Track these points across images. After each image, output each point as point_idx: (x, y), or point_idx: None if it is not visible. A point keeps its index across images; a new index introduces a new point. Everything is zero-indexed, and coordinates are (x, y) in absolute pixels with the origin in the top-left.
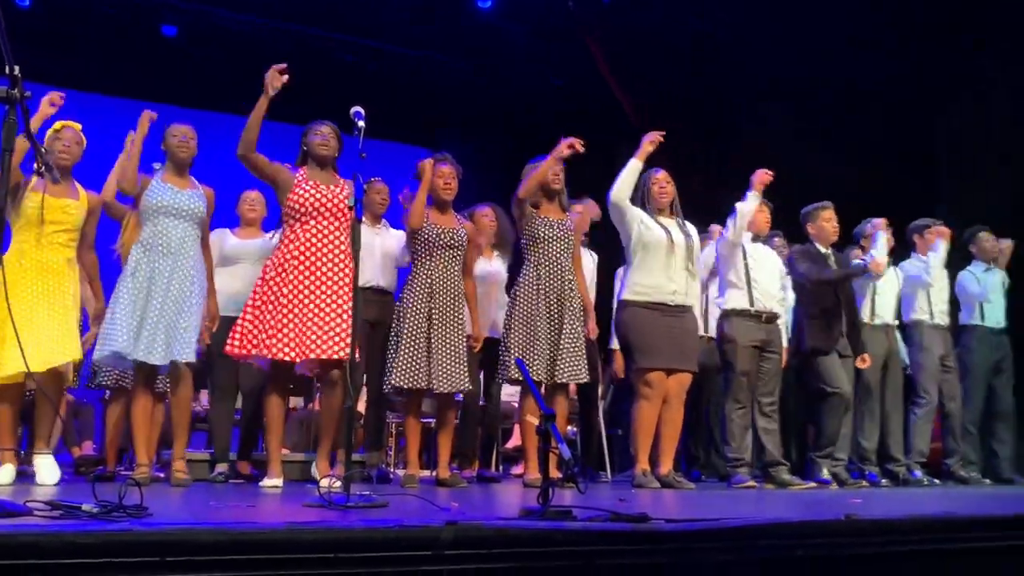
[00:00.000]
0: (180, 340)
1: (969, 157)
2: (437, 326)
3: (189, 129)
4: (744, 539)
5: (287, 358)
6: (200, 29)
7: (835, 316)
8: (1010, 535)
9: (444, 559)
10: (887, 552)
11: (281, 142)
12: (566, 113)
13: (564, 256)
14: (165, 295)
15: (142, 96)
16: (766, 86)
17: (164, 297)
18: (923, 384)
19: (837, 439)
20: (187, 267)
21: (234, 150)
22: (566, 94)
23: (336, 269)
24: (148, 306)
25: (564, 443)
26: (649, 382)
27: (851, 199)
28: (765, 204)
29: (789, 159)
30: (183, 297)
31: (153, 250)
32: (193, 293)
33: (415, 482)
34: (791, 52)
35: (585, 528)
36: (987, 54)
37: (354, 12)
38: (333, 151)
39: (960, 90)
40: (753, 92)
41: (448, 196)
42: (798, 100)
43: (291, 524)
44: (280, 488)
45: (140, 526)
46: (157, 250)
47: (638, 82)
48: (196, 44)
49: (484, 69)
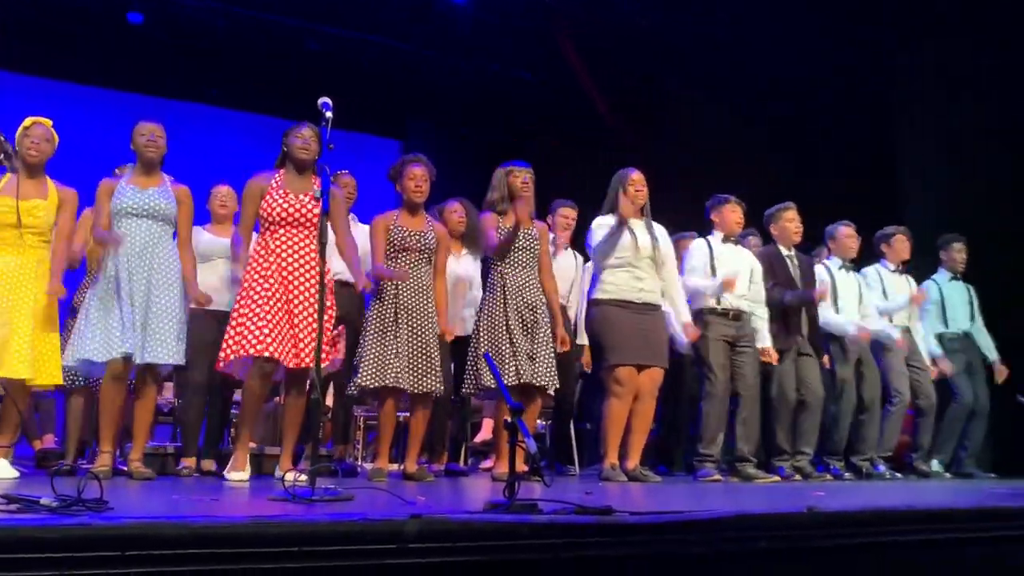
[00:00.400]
0: (164, 343)
1: (932, 158)
2: (404, 327)
3: (157, 127)
4: (707, 531)
5: (266, 353)
6: (166, 17)
7: (793, 318)
8: (966, 527)
9: (409, 552)
10: (848, 544)
11: (250, 132)
12: (537, 106)
13: (530, 264)
14: (146, 296)
15: (108, 84)
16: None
17: (144, 297)
18: (894, 384)
19: (788, 441)
20: (158, 268)
21: (203, 140)
22: (537, 87)
23: (305, 278)
24: (123, 307)
25: (531, 437)
26: (619, 378)
27: (817, 200)
28: (738, 204)
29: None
30: (160, 298)
31: (122, 253)
32: (168, 294)
33: (383, 476)
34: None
35: (550, 521)
36: (949, 54)
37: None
38: (313, 155)
39: (923, 90)
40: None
41: (419, 199)
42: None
43: (254, 518)
44: (246, 481)
45: (100, 520)
46: (124, 252)
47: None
48: (162, 32)
49: (455, 61)
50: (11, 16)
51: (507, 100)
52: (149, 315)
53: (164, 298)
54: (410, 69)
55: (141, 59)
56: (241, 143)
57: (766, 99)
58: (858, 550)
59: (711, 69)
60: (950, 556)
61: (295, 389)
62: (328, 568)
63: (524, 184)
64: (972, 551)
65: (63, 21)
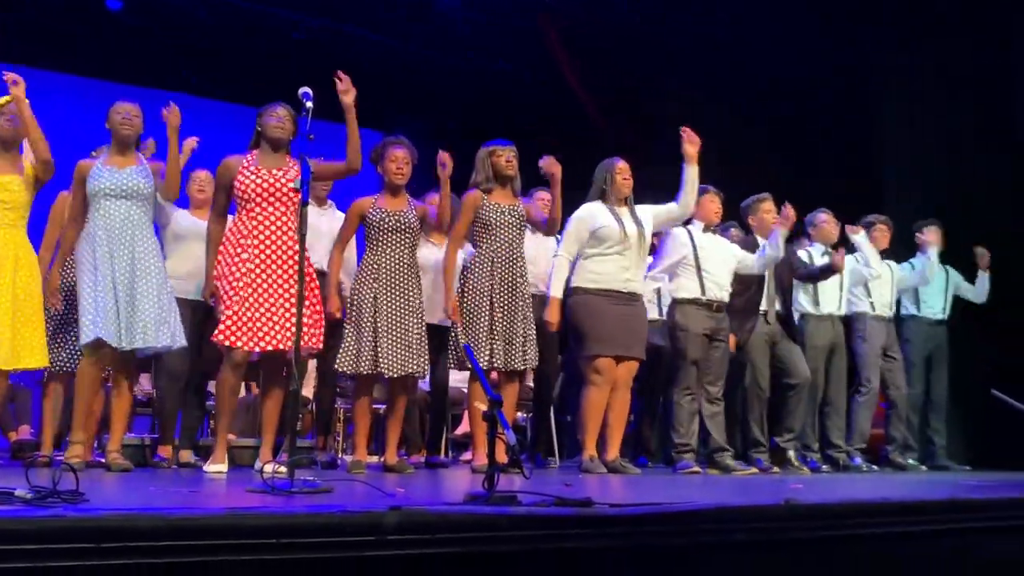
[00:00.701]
0: (149, 328)
1: (911, 148)
2: (384, 310)
3: (134, 107)
4: (686, 523)
5: (237, 345)
6: (146, 4)
7: (752, 308)
8: (941, 519)
9: (388, 544)
10: (824, 536)
11: (231, 120)
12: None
13: (516, 243)
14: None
15: (86, 72)
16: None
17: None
18: (865, 373)
19: (761, 431)
20: (140, 251)
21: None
22: (518, 78)
23: (283, 256)
24: (107, 292)
25: (510, 429)
26: (598, 369)
27: (795, 191)
28: (716, 194)
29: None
30: (149, 280)
31: (100, 233)
32: (151, 279)
33: (362, 468)
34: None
35: (529, 513)
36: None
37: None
38: (288, 134)
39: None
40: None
41: (400, 181)
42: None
43: (232, 509)
44: (225, 473)
45: (75, 512)
46: (104, 233)
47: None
48: (142, 19)
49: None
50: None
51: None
52: (135, 300)
53: (148, 282)
54: (395, 61)
55: (120, 47)
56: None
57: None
58: (835, 542)
59: (707, 69)
60: (924, 547)
61: (273, 378)
62: (307, 560)
63: (508, 163)
64: (945, 542)
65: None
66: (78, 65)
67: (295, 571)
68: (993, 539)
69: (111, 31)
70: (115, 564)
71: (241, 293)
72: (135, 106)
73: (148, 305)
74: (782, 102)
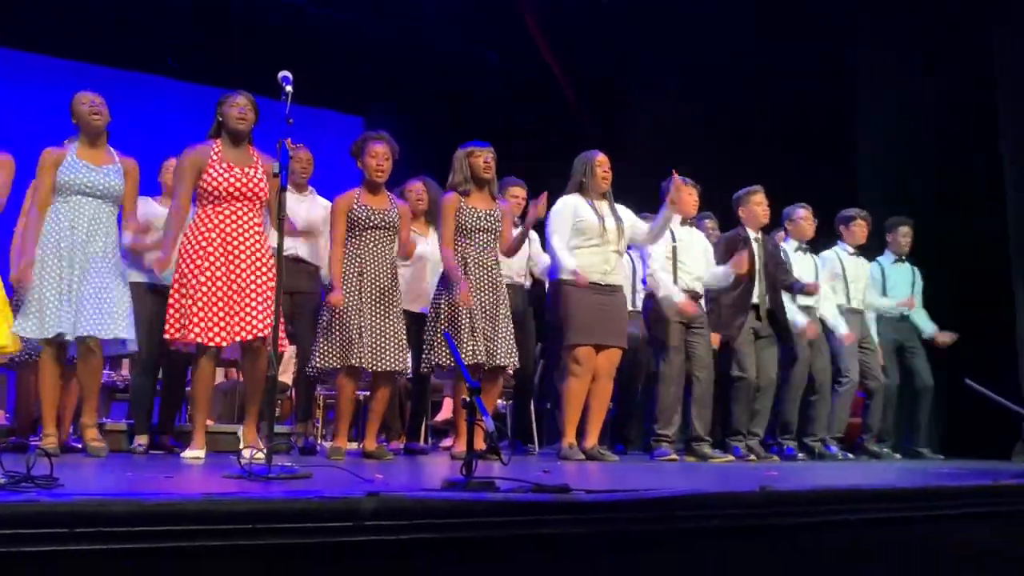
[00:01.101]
0: (98, 316)
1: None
2: (369, 305)
3: (97, 96)
4: (662, 509)
5: (213, 343)
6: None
7: (743, 303)
8: (913, 506)
9: (365, 530)
10: (799, 522)
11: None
12: (501, 85)
13: (491, 245)
14: (82, 271)
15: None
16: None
17: (82, 271)
18: (844, 364)
19: (746, 421)
20: (97, 245)
21: (153, 111)
22: (501, 66)
23: (252, 250)
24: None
25: (488, 416)
26: (578, 358)
27: (774, 184)
28: (693, 187)
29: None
30: (96, 274)
31: (64, 227)
32: (104, 271)
33: (341, 454)
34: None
35: (507, 499)
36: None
37: None
38: (249, 124)
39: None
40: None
41: (380, 178)
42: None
43: (208, 495)
44: (203, 459)
45: (49, 497)
46: (68, 227)
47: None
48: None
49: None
50: None
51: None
52: (83, 289)
53: (100, 275)
54: (374, 46)
55: (94, 27)
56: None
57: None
58: (809, 528)
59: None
60: (896, 534)
61: (252, 361)
62: (283, 545)
63: (486, 164)
64: (917, 529)
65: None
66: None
67: (272, 557)
68: (963, 525)
69: (86, 11)
70: (90, 549)
71: (211, 288)
72: (98, 95)
73: (97, 294)
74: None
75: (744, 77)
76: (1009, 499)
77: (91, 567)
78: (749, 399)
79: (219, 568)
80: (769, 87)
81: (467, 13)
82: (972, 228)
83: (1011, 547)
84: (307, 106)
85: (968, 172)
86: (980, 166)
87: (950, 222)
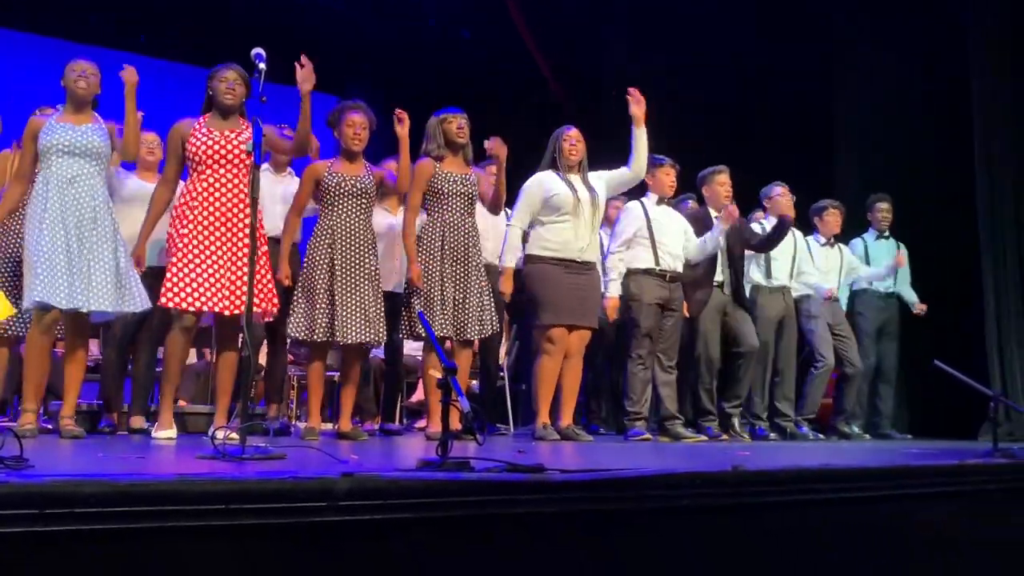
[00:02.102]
0: (98, 290)
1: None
2: (340, 277)
3: (90, 65)
4: (635, 488)
5: (182, 306)
6: None
7: (707, 280)
8: (880, 485)
9: (339, 510)
10: (770, 502)
11: (184, 82)
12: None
13: (467, 211)
14: (89, 241)
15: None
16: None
17: (87, 242)
18: (818, 348)
19: (711, 401)
20: (94, 207)
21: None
22: (476, 45)
23: (234, 219)
24: (70, 252)
25: (464, 396)
26: (551, 338)
27: (754, 167)
28: (672, 167)
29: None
30: (107, 241)
31: (52, 191)
32: (106, 236)
33: (316, 435)
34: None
35: (481, 479)
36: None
37: None
38: (239, 97)
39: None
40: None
41: (357, 147)
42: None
43: (181, 475)
44: (174, 440)
45: (19, 478)
46: (56, 190)
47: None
48: None
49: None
50: None
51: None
52: (90, 261)
53: (103, 243)
54: (350, 24)
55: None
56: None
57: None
58: (779, 507)
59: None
60: (864, 512)
61: (227, 344)
62: (257, 526)
63: (460, 130)
64: (883, 508)
65: None
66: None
67: (246, 537)
68: (930, 505)
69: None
70: (61, 531)
71: (190, 255)
72: (92, 64)
73: (105, 267)
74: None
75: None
76: (975, 478)
77: (63, 549)
78: (712, 379)
79: (193, 549)
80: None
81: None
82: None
83: (976, 526)
84: (280, 84)
85: (942, 153)
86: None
87: (923, 201)
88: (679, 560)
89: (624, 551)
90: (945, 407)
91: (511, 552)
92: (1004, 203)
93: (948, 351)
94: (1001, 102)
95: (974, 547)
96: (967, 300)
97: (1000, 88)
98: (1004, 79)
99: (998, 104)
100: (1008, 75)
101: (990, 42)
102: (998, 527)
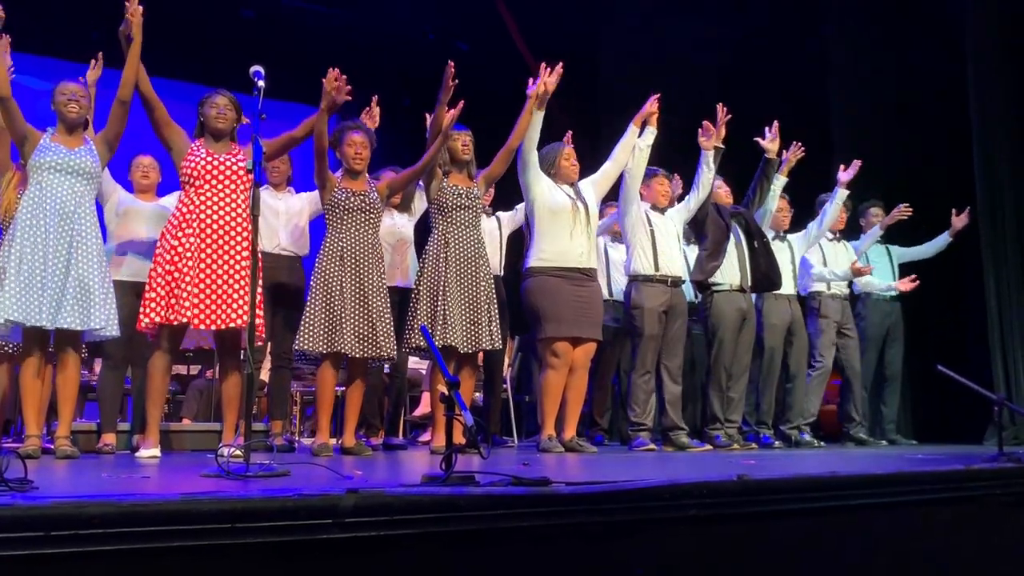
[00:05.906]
0: (98, 309)
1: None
2: (350, 291)
3: (79, 87)
4: (641, 500)
5: (187, 321)
6: None
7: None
8: (887, 492)
9: (345, 527)
10: (777, 511)
11: (181, 100)
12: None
13: (472, 223)
14: (68, 257)
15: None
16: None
17: (66, 259)
18: (819, 350)
19: (722, 409)
20: (81, 228)
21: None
22: (468, 54)
23: (232, 234)
24: (47, 268)
25: (468, 410)
26: (556, 351)
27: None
28: (666, 177)
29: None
30: (86, 259)
31: (41, 208)
32: (92, 255)
33: (329, 451)
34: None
35: (487, 493)
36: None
37: None
38: (230, 123)
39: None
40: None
41: (359, 166)
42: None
43: (185, 495)
44: (158, 458)
45: (24, 500)
46: (45, 208)
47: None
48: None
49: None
50: None
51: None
52: (68, 282)
53: (86, 262)
54: (347, 37)
55: (63, 22)
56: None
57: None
58: (787, 516)
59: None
60: (873, 519)
61: (229, 359)
62: (263, 544)
63: (464, 147)
64: (892, 514)
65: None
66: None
67: (252, 556)
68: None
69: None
70: (67, 552)
71: (175, 271)
72: (81, 86)
73: (81, 284)
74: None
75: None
76: (982, 483)
77: (69, 570)
78: (724, 387)
79: (198, 568)
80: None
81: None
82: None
83: (984, 531)
84: (279, 100)
85: (941, 162)
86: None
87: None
88: (687, 571)
89: (632, 563)
90: (949, 411)
91: (519, 566)
92: (1004, 203)
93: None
94: (1001, 102)
95: (982, 553)
96: (969, 303)
97: (1000, 88)
98: (1004, 79)
99: (997, 104)
100: (1008, 75)
101: (990, 42)
102: (1006, 532)
